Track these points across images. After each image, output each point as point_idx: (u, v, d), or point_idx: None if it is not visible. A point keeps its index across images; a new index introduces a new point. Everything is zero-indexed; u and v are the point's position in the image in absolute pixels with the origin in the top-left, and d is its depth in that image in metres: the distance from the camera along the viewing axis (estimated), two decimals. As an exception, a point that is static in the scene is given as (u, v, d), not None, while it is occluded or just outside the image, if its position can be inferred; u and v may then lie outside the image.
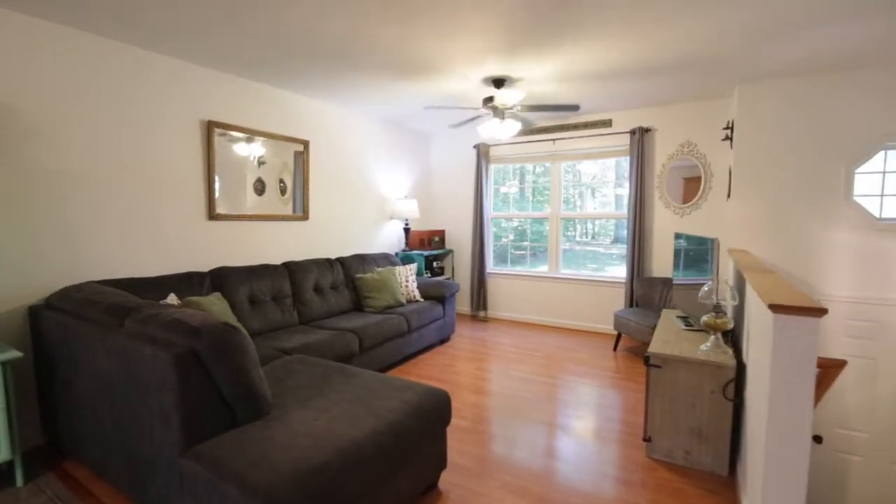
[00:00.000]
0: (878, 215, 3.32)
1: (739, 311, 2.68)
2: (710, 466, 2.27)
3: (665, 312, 3.32)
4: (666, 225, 4.46)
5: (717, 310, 2.28)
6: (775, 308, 1.44)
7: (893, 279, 3.24)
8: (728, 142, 3.96)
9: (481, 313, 5.60)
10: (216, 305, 2.85)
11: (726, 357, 2.25)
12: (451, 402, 2.13)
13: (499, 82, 3.55)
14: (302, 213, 4.08)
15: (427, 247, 5.29)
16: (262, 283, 3.39)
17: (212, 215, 3.31)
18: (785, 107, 3.48)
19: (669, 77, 3.46)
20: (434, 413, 2.03)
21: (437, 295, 4.41)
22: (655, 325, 3.66)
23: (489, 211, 5.50)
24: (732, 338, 2.58)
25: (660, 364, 2.35)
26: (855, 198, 3.36)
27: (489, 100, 3.55)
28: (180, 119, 3.09)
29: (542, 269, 5.38)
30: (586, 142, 4.82)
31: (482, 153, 5.34)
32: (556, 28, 2.58)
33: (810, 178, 3.44)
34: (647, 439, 2.42)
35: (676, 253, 3.49)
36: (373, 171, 4.91)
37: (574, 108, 3.44)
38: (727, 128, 3.88)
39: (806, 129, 3.43)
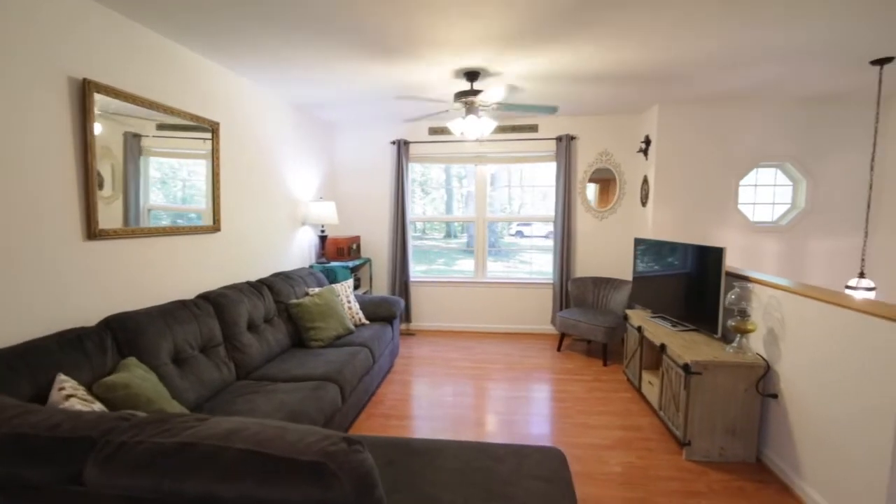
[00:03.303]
0: (752, 219, 4.20)
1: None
2: (741, 457, 2.47)
3: (634, 313, 3.53)
4: (587, 228, 4.81)
5: (743, 314, 2.48)
6: (914, 320, 1.58)
7: (765, 268, 4.14)
8: (642, 154, 4.46)
9: (402, 325, 5.11)
10: (147, 381, 1.78)
11: (753, 356, 2.47)
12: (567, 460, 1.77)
13: (472, 75, 3.18)
14: (212, 222, 2.94)
15: (346, 256, 4.53)
16: (185, 329, 2.29)
17: (93, 232, 2.07)
18: (694, 127, 4.08)
19: (624, 87, 3.60)
20: (569, 481, 1.64)
21: (387, 314, 3.80)
22: (609, 325, 3.89)
23: (411, 213, 5.03)
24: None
25: (700, 371, 2.44)
26: (739, 205, 4.17)
27: (465, 94, 3.16)
28: (34, 72, 1.80)
29: (468, 272, 5.22)
30: (513, 145, 4.81)
31: (403, 150, 4.83)
32: (575, 24, 2.38)
33: (711, 188, 4.13)
34: (686, 443, 2.49)
35: (638, 253, 3.75)
36: (285, 168, 3.91)
37: (553, 109, 3.33)
38: (644, 141, 4.36)
39: (709, 147, 4.08)
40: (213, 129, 2.89)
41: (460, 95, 3.19)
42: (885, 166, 3.75)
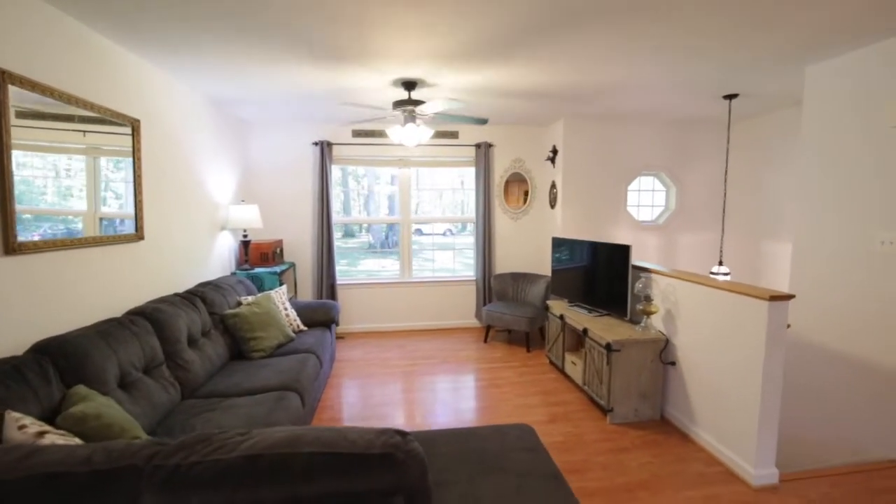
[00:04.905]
0: (637, 218, 5.01)
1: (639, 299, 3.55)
2: (650, 416, 3.02)
3: (554, 303, 4.00)
4: (504, 229, 5.24)
5: (647, 299, 3.03)
6: (774, 298, 2.17)
7: (648, 259, 4.98)
8: (550, 162, 5.01)
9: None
10: (113, 409, 1.62)
11: (656, 333, 3.03)
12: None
13: (410, 84, 3.32)
14: (135, 230, 2.65)
15: (271, 261, 4.33)
16: (128, 350, 2.08)
17: (11, 246, 1.78)
18: (592, 140, 4.72)
19: (541, 101, 4.03)
20: (545, 449, 1.90)
21: (325, 319, 3.76)
22: (530, 316, 4.33)
23: (335, 216, 4.96)
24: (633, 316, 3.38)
25: (619, 348, 2.92)
26: (628, 207, 4.94)
27: (406, 103, 3.29)
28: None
29: (380, 273, 5.33)
30: (435, 150, 5.04)
31: (326, 152, 4.75)
32: (512, 50, 2.69)
33: (607, 192, 4.83)
34: (609, 410, 2.97)
35: (555, 251, 4.23)
36: (205, 169, 3.62)
37: (483, 121, 3.60)
38: (552, 151, 4.91)
39: (604, 157, 4.77)
40: (133, 126, 2.60)
41: (400, 104, 3.30)
42: (734, 176, 4.77)
